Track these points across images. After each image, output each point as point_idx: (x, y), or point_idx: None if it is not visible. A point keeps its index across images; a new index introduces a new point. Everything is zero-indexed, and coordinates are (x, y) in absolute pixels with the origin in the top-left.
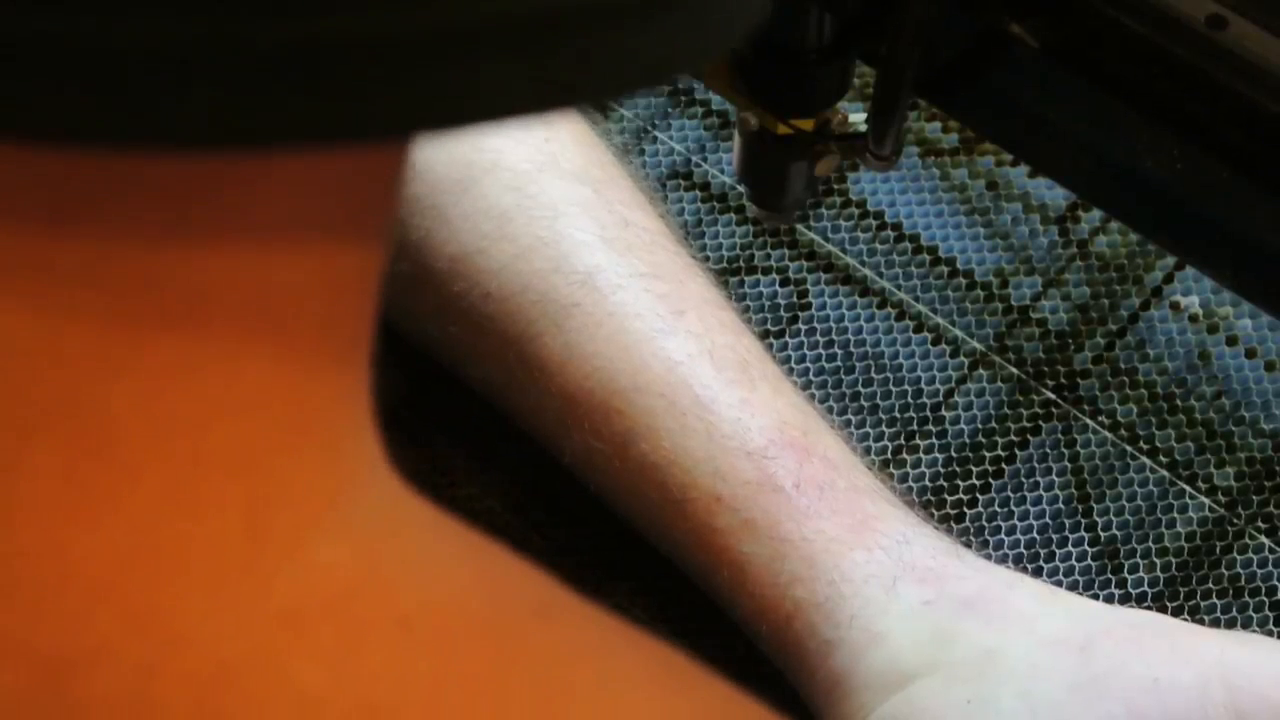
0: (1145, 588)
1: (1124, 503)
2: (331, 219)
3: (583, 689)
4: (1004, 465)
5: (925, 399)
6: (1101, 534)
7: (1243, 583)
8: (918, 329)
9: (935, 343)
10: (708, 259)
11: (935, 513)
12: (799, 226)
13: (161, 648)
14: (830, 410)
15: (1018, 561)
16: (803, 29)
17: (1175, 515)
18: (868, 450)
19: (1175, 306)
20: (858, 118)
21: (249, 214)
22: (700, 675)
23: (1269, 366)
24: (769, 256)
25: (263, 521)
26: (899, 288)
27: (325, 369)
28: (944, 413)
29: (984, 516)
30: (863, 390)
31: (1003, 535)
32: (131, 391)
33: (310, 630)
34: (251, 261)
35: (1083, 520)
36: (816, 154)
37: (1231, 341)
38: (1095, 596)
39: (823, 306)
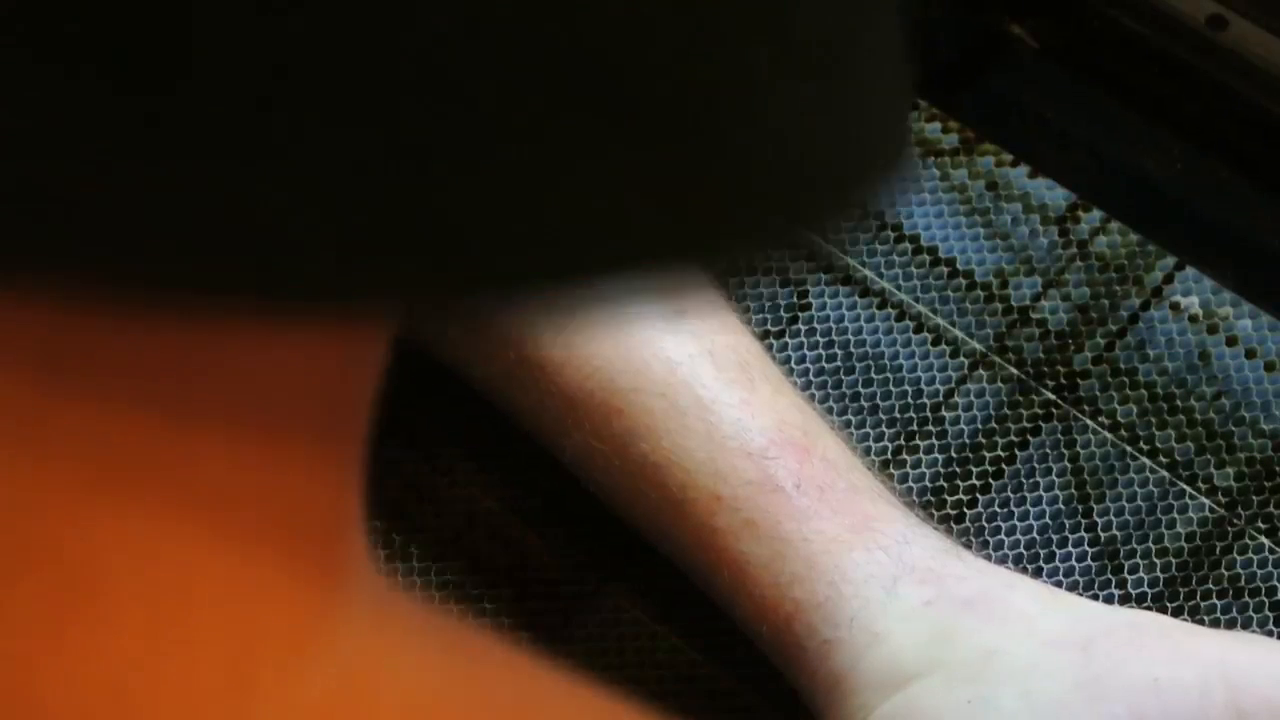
0: (1145, 588)
1: (1124, 503)
2: (323, 390)
3: None
4: (1004, 465)
5: (925, 399)
6: (1101, 534)
7: (1243, 583)
8: (918, 329)
9: (935, 343)
10: None
11: (935, 513)
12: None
13: None
14: (830, 410)
15: (1018, 561)
16: None
17: (1175, 515)
18: (868, 450)
19: (1175, 307)
20: None
21: (243, 381)
22: None
23: (1269, 366)
24: (769, 256)
25: (247, 658)
26: (899, 288)
27: (323, 485)
28: (944, 413)
29: (984, 516)
30: (863, 390)
31: (1003, 535)
32: (116, 539)
33: None
34: (242, 401)
35: (1083, 520)
36: None
37: (1231, 341)
38: (1095, 596)
39: (823, 307)
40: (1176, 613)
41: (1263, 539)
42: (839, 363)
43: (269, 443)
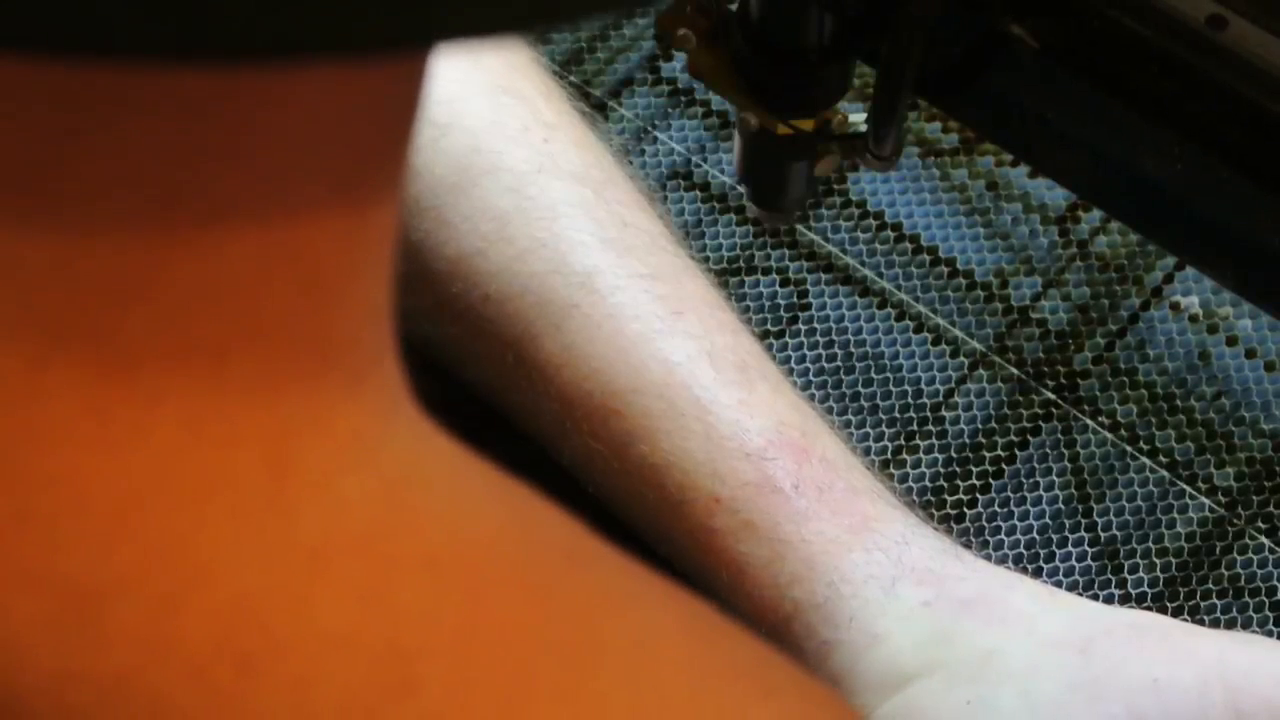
0: (1145, 588)
1: (1124, 503)
2: (353, 136)
3: (613, 639)
4: (1004, 465)
5: (925, 399)
6: (1101, 534)
7: (1243, 583)
8: (918, 329)
9: (935, 343)
10: (708, 259)
11: (935, 513)
12: (799, 226)
13: (183, 581)
14: (830, 410)
15: (1018, 562)
16: (803, 29)
17: (1175, 515)
18: (868, 450)
19: (1175, 306)
20: (858, 118)
21: (269, 132)
22: (731, 629)
23: (1269, 366)
24: (769, 256)
25: (288, 453)
26: (899, 288)
27: (347, 295)
28: (944, 413)
29: (984, 516)
30: (863, 390)
31: (1003, 535)
32: (150, 315)
33: (335, 567)
34: (271, 181)
35: (1083, 520)
36: (817, 154)
37: (1231, 341)
38: (1095, 596)
39: (823, 306)
40: (1176, 613)
41: (1263, 539)
42: (839, 363)
43: (294, 258)
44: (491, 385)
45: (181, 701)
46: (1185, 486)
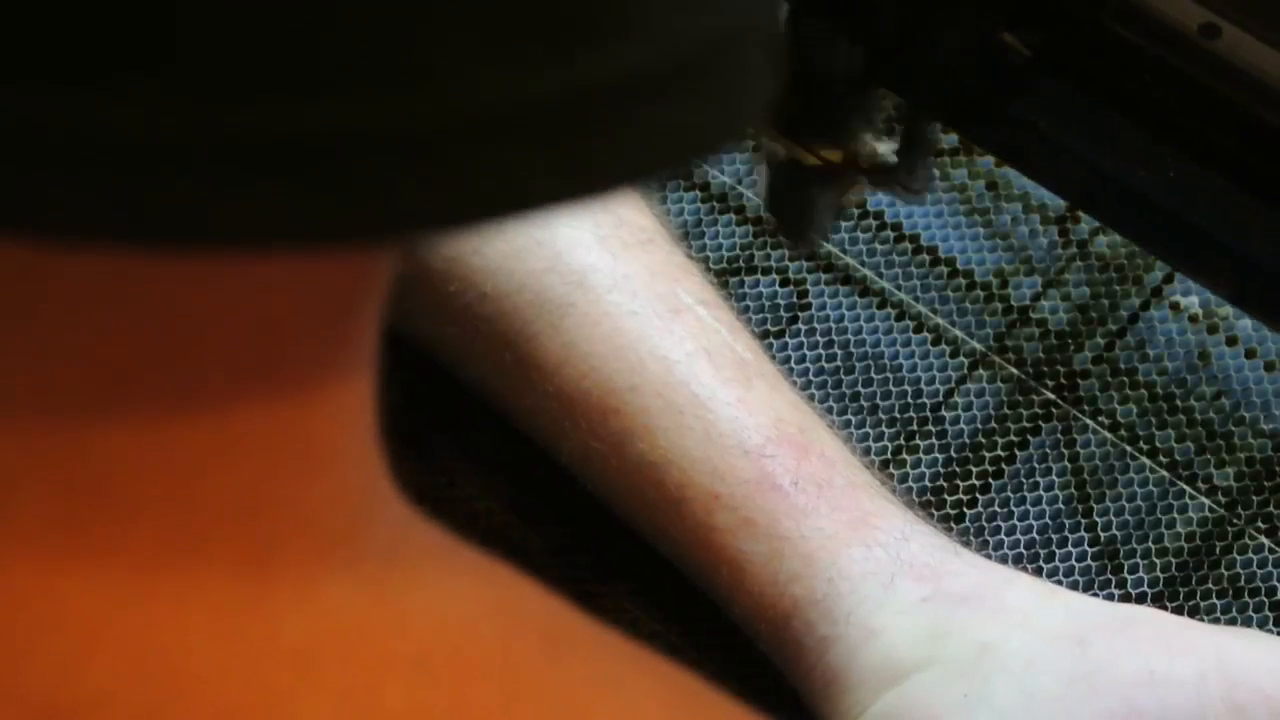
0: (1145, 588)
1: (1124, 503)
2: (329, 283)
3: None
4: (1004, 465)
5: (925, 399)
6: (1101, 534)
7: (1243, 583)
8: (918, 329)
9: (935, 343)
10: (708, 259)
11: (935, 513)
12: None
13: (163, 694)
14: (830, 410)
15: (1018, 561)
16: (831, 59)
17: (1175, 515)
18: (868, 450)
19: (1175, 306)
20: (886, 148)
21: (241, 269)
22: (718, 701)
23: (1269, 366)
24: (769, 256)
25: (270, 560)
26: (899, 288)
27: (326, 400)
28: (944, 413)
29: (984, 516)
30: (863, 390)
31: (1003, 535)
32: (121, 433)
33: (322, 671)
34: (242, 299)
35: (1083, 520)
36: (845, 185)
37: (1231, 341)
38: (1095, 596)
39: (823, 306)
40: (1176, 612)
41: (1263, 539)
42: (839, 362)
43: (268, 368)
44: (490, 384)
45: None
46: (1185, 486)
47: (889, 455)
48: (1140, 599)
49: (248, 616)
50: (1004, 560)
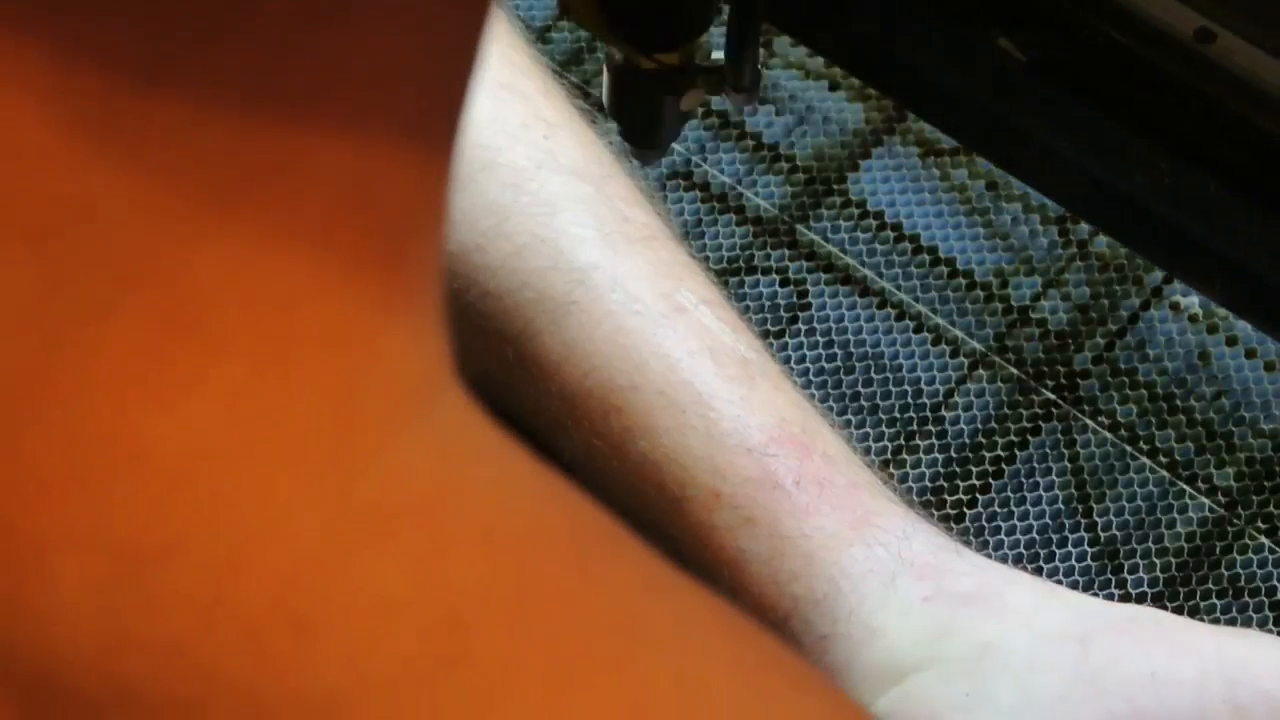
0: (1145, 588)
1: (1124, 503)
2: (425, 78)
3: (656, 618)
4: (1004, 465)
5: (925, 399)
6: (1101, 534)
7: (1243, 583)
8: (918, 329)
9: (935, 343)
10: (708, 259)
11: (935, 513)
12: (799, 227)
13: (242, 542)
14: (830, 410)
15: (1018, 561)
16: None
17: (1175, 515)
18: (868, 450)
19: (1175, 306)
20: (720, 53)
21: (348, 68)
22: (757, 626)
23: (1269, 366)
24: (769, 256)
25: (352, 408)
26: (899, 288)
27: (412, 247)
28: (944, 413)
29: (984, 516)
30: (863, 390)
31: (1003, 535)
32: (222, 261)
33: (395, 532)
34: (348, 121)
35: (1083, 520)
36: (682, 89)
37: (1231, 341)
38: (1095, 596)
39: (823, 306)
40: (1176, 612)
41: (1263, 539)
42: (839, 363)
43: (363, 207)
44: (491, 382)
45: (234, 669)
46: (1185, 486)
47: (889, 455)
48: (1140, 599)
49: (326, 468)
50: (1004, 560)
